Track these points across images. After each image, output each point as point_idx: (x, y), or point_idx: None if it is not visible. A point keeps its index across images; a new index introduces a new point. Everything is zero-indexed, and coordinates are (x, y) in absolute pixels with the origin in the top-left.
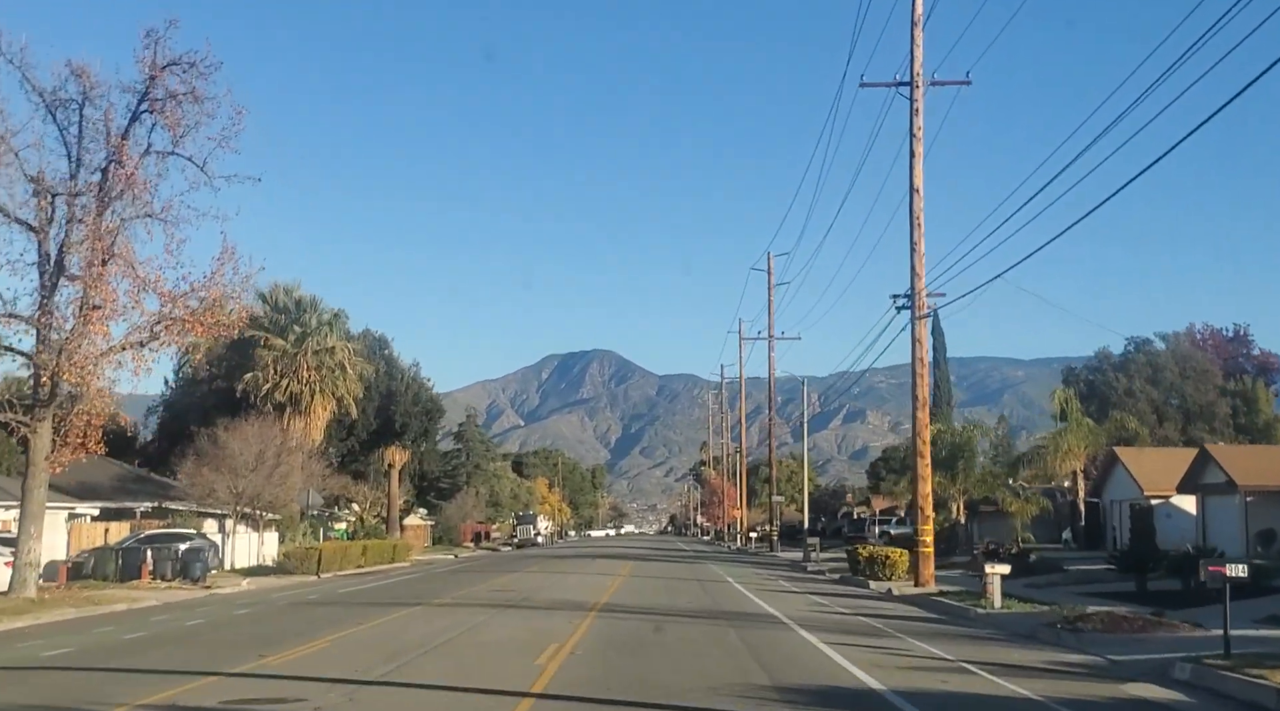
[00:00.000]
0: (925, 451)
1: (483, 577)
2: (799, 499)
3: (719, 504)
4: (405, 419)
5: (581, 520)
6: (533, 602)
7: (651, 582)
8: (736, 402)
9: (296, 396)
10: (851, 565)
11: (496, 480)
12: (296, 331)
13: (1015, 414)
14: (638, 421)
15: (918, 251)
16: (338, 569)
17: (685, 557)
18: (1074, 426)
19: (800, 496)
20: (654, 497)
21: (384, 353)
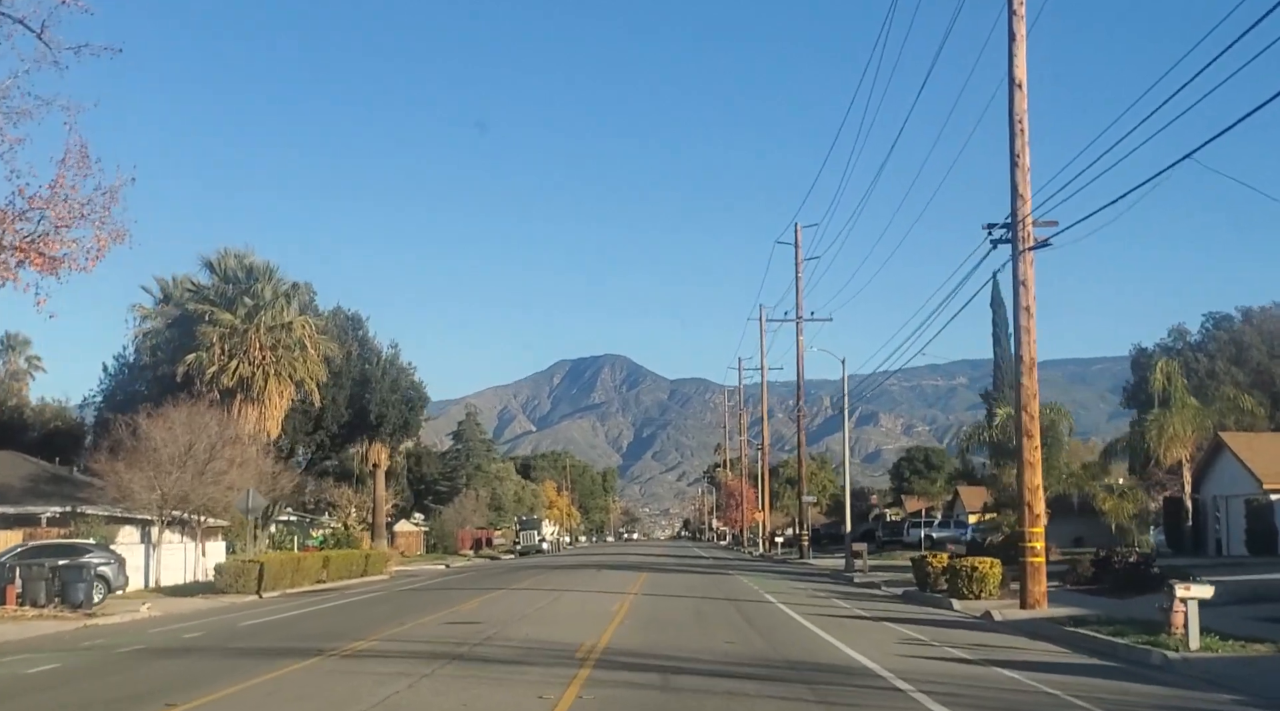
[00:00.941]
0: (1034, 429)
1: (456, 598)
2: (822, 501)
3: (737, 507)
4: (382, 409)
5: (592, 525)
6: (497, 646)
7: (672, 605)
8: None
9: (247, 380)
10: (919, 578)
11: (499, 482)
12: (247, 304)
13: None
14: (649, 426)
15: (1021, 165)
16: (288, 586)
17: (706, 567)
18: (1178, 407)
19: (821, 499)
20: (666, 502)
21: (358, 333)
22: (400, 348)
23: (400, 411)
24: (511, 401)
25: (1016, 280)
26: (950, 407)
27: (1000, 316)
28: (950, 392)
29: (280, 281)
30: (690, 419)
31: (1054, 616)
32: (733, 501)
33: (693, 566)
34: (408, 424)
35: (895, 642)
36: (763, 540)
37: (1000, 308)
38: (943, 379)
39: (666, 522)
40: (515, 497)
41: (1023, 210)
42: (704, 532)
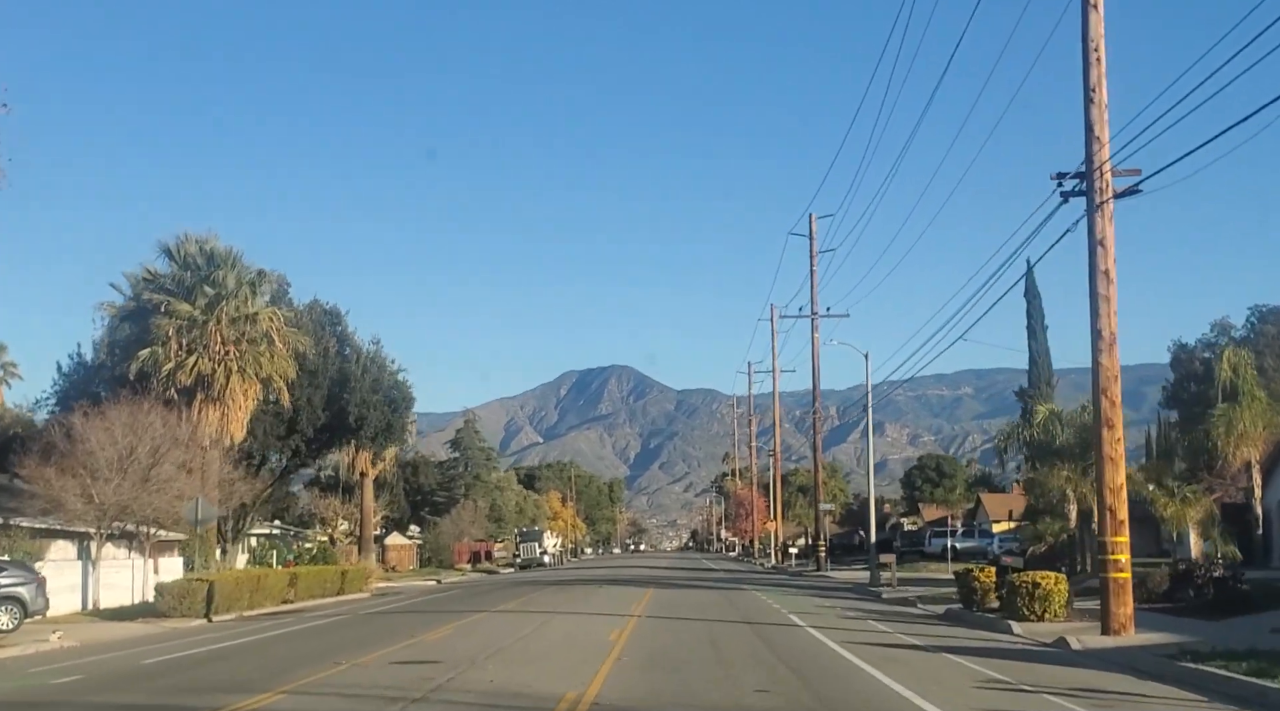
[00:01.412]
0: (1117, 418)
1: (427, 623)
2: (834, 510)
3: (746, 517)
4: (361, 410)
5: (599, 537)
6: (441, 704)
7: (681, 632)
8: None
9: (207, 378)
10: (964, 595)
11: (499, 493)
12: (208, 294)
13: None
14: (657, 437)
15: (1096, 101)
16: (246, 607)
17: (718, 581)
18: (1248, 401)
19: (833, 508)
20: (674, 513)
21: (336, 328)
22: (382, 344)
23: (382, 413)
24: (518, 413)
25: (1093, 239)
26: (956, 418)
27: (1035, 307)
28: (956, 402)
29: (245, 269)
30: (697, 429)
31: (1148, 644)
32: (742, 511)
33: (703, 580)
34: (391, 427)
35: (974, 686)
36: (775, 551)
37: (1035, 298)
38: (948, 389)
39: (674, 533)
40: (516, 508)
41: (1100, 155)
42: (712, 543)
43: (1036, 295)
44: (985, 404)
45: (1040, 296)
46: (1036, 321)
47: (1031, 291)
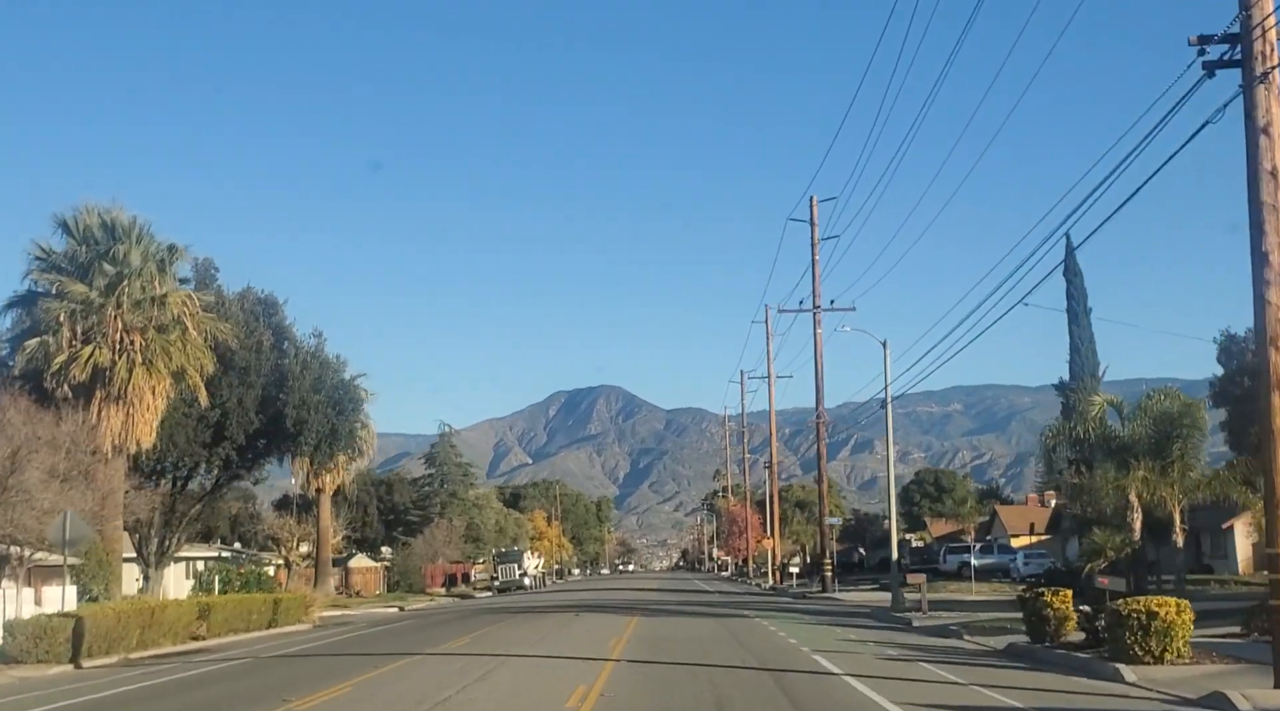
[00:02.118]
0: None
1: (341, 671)
2: (839, 524)
3: (740, 534)
4: (300, 413)
5: (586, 557)
6: None
7: (675, 689)
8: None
9: (106, 372)
10: (1033, 625)
11: (477, 511)
12: (108, 273)
13: (1024, 441)
14: (646, 456)
15: None
16: (134, 647)
17: (714, 606)
18: None
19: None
20: (664, 532)
21: (271, 320)
22: (326, 337)
23: (325, 417)
24: (507, 434)
25: (1252, 126)
26: (946, 434)
27: (1076, 288)
28: (945, 419)
29: (154, 243)
30: (687, 449)
31: None
32: (735, 528)
33: (697, 605)
34: (336, 433)
35: None
36: (773, 570)
37: (1076, 277)
38: (937, 405)
39: (664, 553)
40: (496, 528)
41: (1261, 9)
42: (703, 563)
43: (1077, 273)
44: (975, 420)
45: (1082, 275)
46: (1078, 304)
47: (1072, 270)
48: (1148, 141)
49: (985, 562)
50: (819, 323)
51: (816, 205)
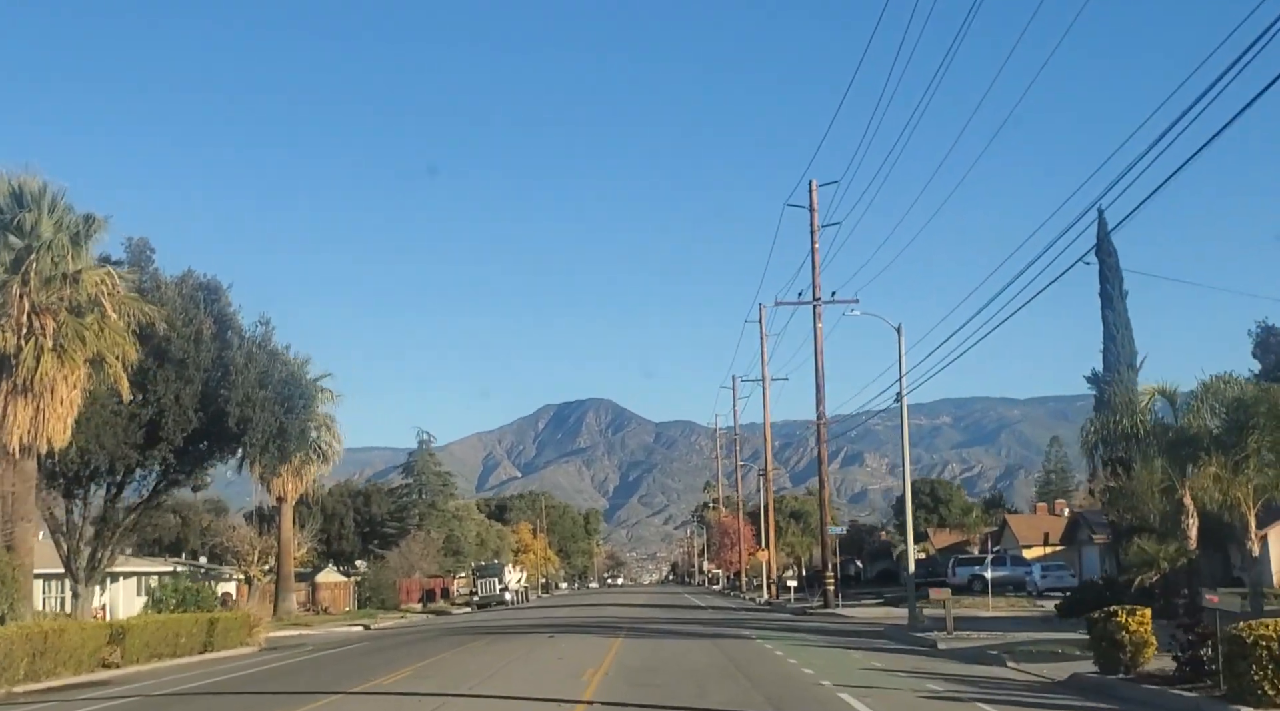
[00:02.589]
0: None
1: None
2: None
3: (732, 546)
4: (245, 410)
5: (574, 570)
6: None
7: None
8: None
9: (11, 360)
10: (1104, 652)
11: (457, 522)
12: (14, 246)
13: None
14: (635, 469)
15: None
16: (20, 679)
17: (708, 623)
18: None
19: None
20: (654, 545)
21: (213, 307)
22: (275, 326)
23: (272, 414)
24: (496, 447)
25: None
26: (935, 447)
27: (1111, 269)
28: (934, 431)
29: (69, 215)
30: (676, 462)
31: None
32: (727, 540)
33: (689, 623)
34: (285, 432)
35: None
36: (768, 584)
37: (1111, 256)
38: (926, 418)
39: (654, 566)
40: (477, 540)
41: None
42: (694, 576)
43: (1111, 253)
44: (964, 433)
45: (1116, 255)
46: (1113, 286)
47: (1104, 248)
48: (1213, 95)
49: (998, 575)
50: (819, 316)
51: (816, 190)
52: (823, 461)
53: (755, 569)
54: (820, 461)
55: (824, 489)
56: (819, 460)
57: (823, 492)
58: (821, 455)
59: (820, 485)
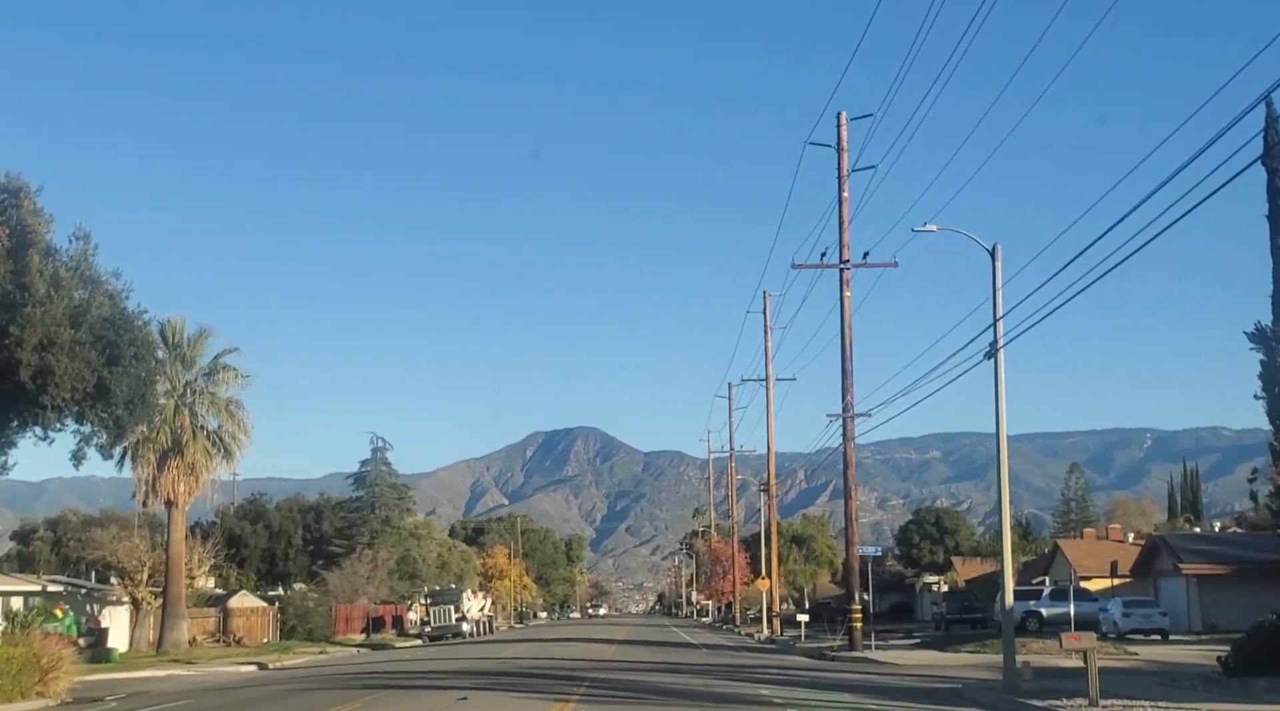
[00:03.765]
0: None
1: None
2: (824, 570)
3: (724, 575)
4: (42, 356)
5: (554, 599)
6: None
7: None
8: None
9: None
10: None
11: (415, 542)
12: None
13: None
14: (623, 499)
15: None
16: None
17: (710, 675)
18: None
19: (822, 568)
20: (640, 576)
21: (11, 215)
22: (96, 243)
23: (87, 365)
24: (484, 474)
25: None
26: (924, 481)
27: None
28: (924, 466)
29: None
30: (664, 492)
31: None
32: (719, 568)
33: (680, 671)
34: (105, 390)
35: None
36: (768, 617)
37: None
38: (915, 452)
39: (640, 596)
40: (438, 562)
41: None
42: (681, 607)
43: None
44: (953, 468)
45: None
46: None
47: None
48: None
49: (1056, 611)
50: (847, 283)
51: (846, 124)
52: (850, 465)
53: (751, 600)
54: (848, 464)
55: (851, 500)
56: (846, 464)
57: (850, 505)
58: (849, 457)
59: (846, 493)
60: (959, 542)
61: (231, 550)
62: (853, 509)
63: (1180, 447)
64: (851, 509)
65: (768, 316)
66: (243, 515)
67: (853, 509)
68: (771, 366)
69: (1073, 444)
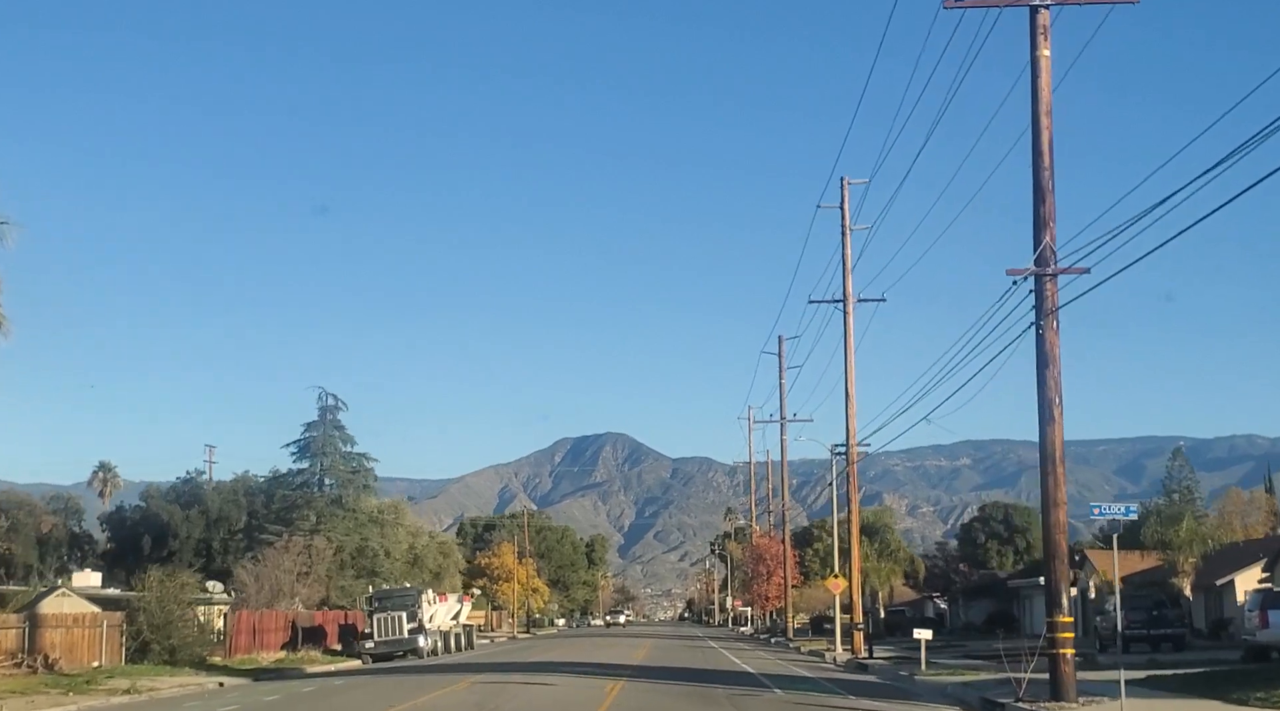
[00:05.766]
0: None
1: None
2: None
3: (768, 577)
4: None
5: (573, 604)
6: None
7: None
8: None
9: None
10: None
11: (377, 529)
12: None
13: (1033, 497)
14: (651, 505)
15: None
16: None
17: None
18: None
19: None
20: (669, 582)
21: None
22: None
23: None
24: (513, 480)
25: None
26: (955, 488)
27: None
28: (954, 473)
29: None
30: (693, 498)
31: None
32: (762, 568)
33: None
34: None
35: None
36: (842, 631)
37: None
38: (946, 459)
39: (669, 603)
40: (409, 556)
41: None
42: (713, 614)
43: None
44: (984, 475)
45: None
46: None
47: None
48: None
49: None
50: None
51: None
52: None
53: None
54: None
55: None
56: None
57: (1052, 434)
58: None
59: (1044, 464)
60: (1030, 542)
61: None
62: (1056, 438)
63: (1214, 455)
64: (1055, 438)
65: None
66: (174, 498)
67: (1056, 438)
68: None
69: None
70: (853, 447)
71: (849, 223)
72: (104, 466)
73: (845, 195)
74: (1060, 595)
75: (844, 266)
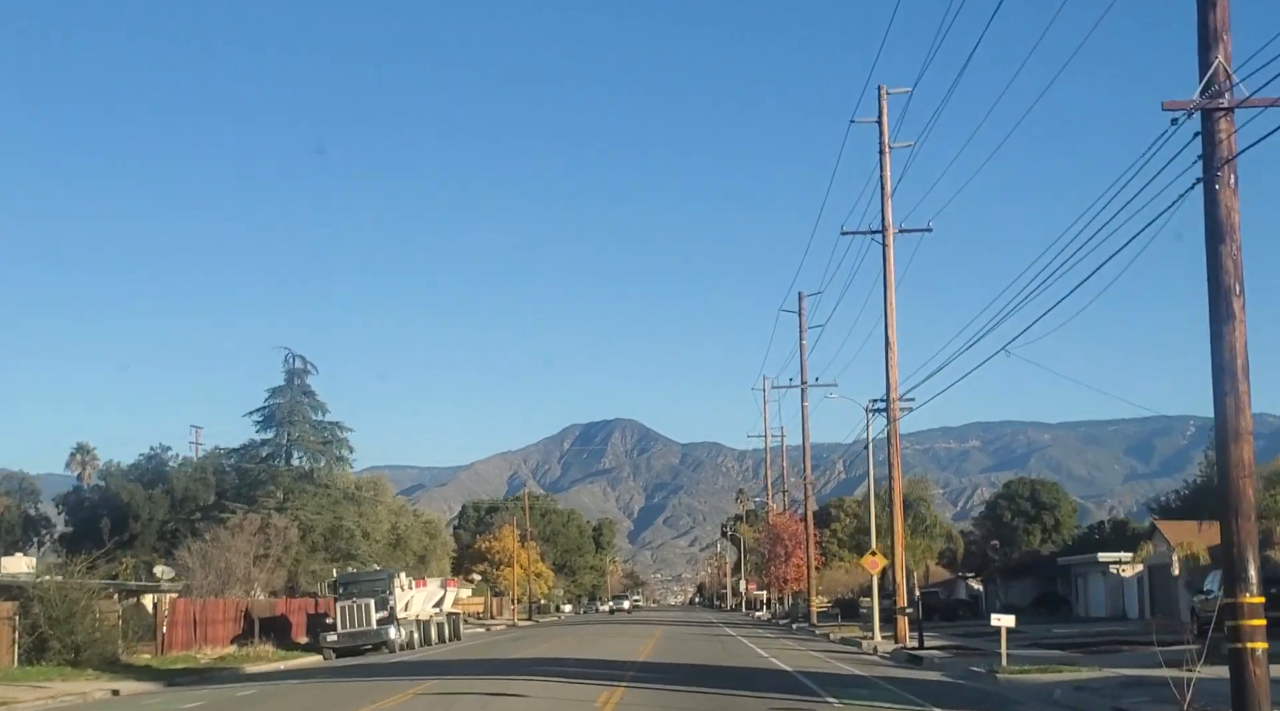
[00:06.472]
0: None
1: None
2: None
3: (787, 558)
4: None
5: (580, 589)
6: None
7: None
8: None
9: None
10: None
11: (353, 507)
12: None
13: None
14: (661, 491)
15: None
16: None
17: None
18: None
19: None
20: (679, 568)
21: None
22: None
23: None
24: (521, 467)
25: None
26: (964, 471)
27: None
28: (963, 455)
29: None
30: (702, 483)
31: None
32: (780, 548)
33: None
34: None
35: None
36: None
37: None
38: (955, 441)
39: (679, 588)
40: (390, 539)
41: None
42: (724, 598)
43: None
44: (993, 457)
45: None
46: None
47: None
48: None
49: None
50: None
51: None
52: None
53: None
54: None
55: None
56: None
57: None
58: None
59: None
60: (1059, 519)
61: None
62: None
63: None
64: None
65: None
66: (137, 476)
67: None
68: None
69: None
70: (893, 403)
71: (888, 140)
72: (82, 448)
73: (884, 107)
74: (1247, 564)
75: (882, 191)
